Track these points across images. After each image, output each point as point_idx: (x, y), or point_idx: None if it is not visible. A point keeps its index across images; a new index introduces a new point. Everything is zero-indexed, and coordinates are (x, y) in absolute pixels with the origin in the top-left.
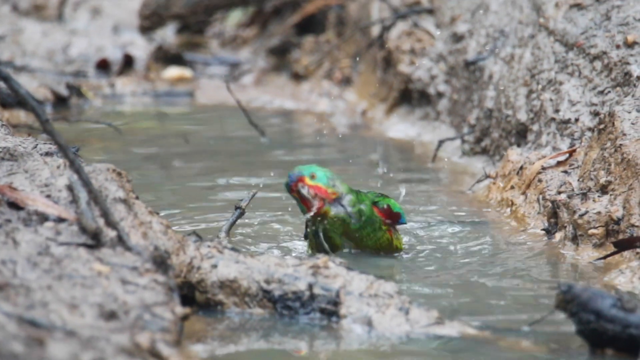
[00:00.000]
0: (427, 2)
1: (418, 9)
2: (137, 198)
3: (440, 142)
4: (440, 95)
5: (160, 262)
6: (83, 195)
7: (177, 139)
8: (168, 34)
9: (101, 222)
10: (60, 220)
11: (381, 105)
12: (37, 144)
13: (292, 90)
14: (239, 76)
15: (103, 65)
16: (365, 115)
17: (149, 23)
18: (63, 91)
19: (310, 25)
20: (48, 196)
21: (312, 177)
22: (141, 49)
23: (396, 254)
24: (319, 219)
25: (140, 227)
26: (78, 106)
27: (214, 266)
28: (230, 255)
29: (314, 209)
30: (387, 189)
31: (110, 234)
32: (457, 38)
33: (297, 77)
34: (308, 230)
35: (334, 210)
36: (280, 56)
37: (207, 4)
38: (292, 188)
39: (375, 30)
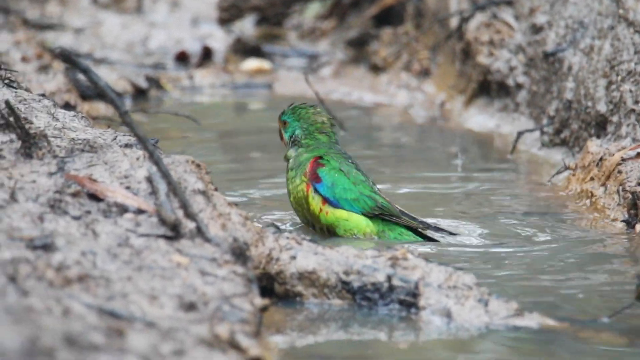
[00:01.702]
0: None
1: (497, 0)
2: (216, 189)
3: (520, 134)
4: (519, 86)
5: (239, 253)
6: (162, 186)
7: (255, 130)
8: (247, 26)
9: (180, 213)
10: (139, 211)
11: (460, 97)
12: (116, 136)
13: (370, 82)
14: (318, 68)
15: (182, 58)
16: (443, 107)
17: (228, 15)
18: (142, 83)
19: (389, 17)
20: (127, 188)
21: (284, 124)
22: (220, 41)
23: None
24: None
25: (219, 218)
26: (157, 98)
27: (293, 257)
28: (309, 246)
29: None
30: (465, 179)
31: (190, 225)
32: (536, 29)
33: (376, 69)
34: None
35: (289, 151)
36: (359, 48)
37: None
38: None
39: (454, 22)
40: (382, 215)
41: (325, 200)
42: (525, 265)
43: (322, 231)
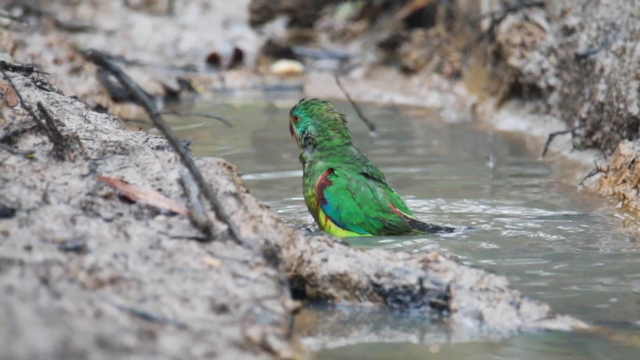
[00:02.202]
0: None
1: (529, 2)
2: (247, 192)
3: (551, 136)
4: (550, 88)
5: (271, 255)
6: (194, 189)
7: (286, 132)
8: (277, 28)
9: (212, 215)
10: (171, 214)
11: (491, 99)
12: (148, 138)
13: (401, 84)
14: (349, 70)
15: (213, 60)
16: (475, 109)
17: (259, 17)
18: (173, 85)
19: (420, 18)
20: (159, 190)
21: (296, 119)
22: (251, 43)
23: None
24: None
25: (251, 220)
26: (188, 100)
27: (325, 260)
28: (340, 249)
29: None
30: (496, 182)
31: (221, 227)
32: (568, 31)
33: (407, 71)
34: None
35: (304, 153)
36: (390, 50)
37: None
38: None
39: (485, 24)
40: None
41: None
42: (557, 267)
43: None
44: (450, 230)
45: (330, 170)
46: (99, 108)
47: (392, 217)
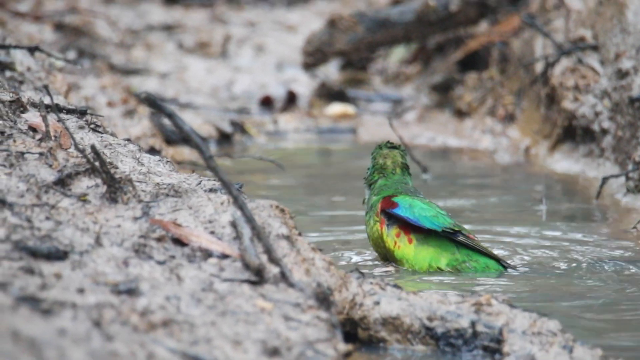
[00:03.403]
0: (592, 39)
1: (582, 45)
2: (300, 234)
3: (605, 179)
4: (604, 131)
5: (323, 298)
6: (246, 231)
7: (339, 175)
8: (331, 71)
9: (264, 258)
10: (224, 256)
11: (544, 142)
12: (201, 181)
13: (454, 127)
14: (402, 113)
15: (266, 102)
16: (528, 152)
17: (313, 60)
18: (227, 128)
19: (473, 61)
20: (212, 232)
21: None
22: (304, 85)
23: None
24: None
25: (303, 263)
26: (241, 143)
27: (377, 303)
28: (392, 292)
29: None
30: (549, 225)
31: (273, 270)
32: (622, 74)
33: (460, 114)
34: None
35: (366, 194)
36: (443, 93)
37: (370, 40)
38: None
39: (539, 67)
40: (462, 240)
41: (400, 230)
42: (609, 311)
43: (402, 265)
44: (506, 267)
45: (389, 196)
46: (152, 150)
47: (460, 227)
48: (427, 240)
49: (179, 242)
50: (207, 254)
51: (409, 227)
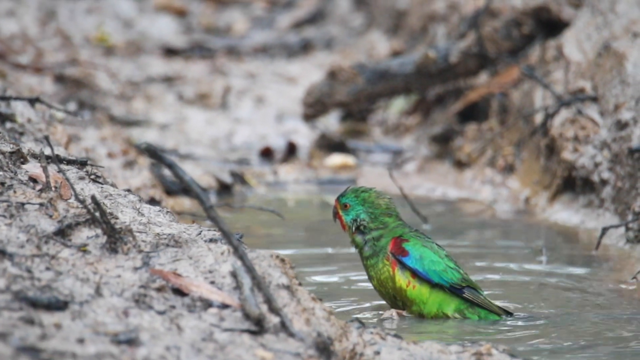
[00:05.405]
0: (591, 90)
1: (582, 96)
2: (300, 284)
3: (604, 230)
4: (604, 182)
5: (323, 348)
6: (247, 281)
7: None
8: (331, 122)
9: (264, 308)
10: (224, 306)
11: (544, 193)
12: (201, 231)
13: (454, 177)
14: (402, 164)
15: (266, 153)
16: (528, 202)
17: (313, 111)
18: (227, 179)
19: (473, 113)
20: (212, 282)
21: (345, 206)
22: (304, 136)
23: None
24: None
25: (303, 313)
26: (241, 193)
27: (377, 353)
28: (393, 342)
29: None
30: (549, 275)
31: (274, 320)
32: (622, 125)
33: (460, 165)
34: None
35: (357, 238)
36: (443, 144)
37: (370, 91)
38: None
39: (539, 118)
40: (468, 295)
41: (414, 273)
42: None
43: (408, 307)
44: (510, 314)
45: (399, 236)
46: (153, 201)
47: (466, 275)
48: (435, 287)
49: (179, 292)
50: (207, 304)
51: None
